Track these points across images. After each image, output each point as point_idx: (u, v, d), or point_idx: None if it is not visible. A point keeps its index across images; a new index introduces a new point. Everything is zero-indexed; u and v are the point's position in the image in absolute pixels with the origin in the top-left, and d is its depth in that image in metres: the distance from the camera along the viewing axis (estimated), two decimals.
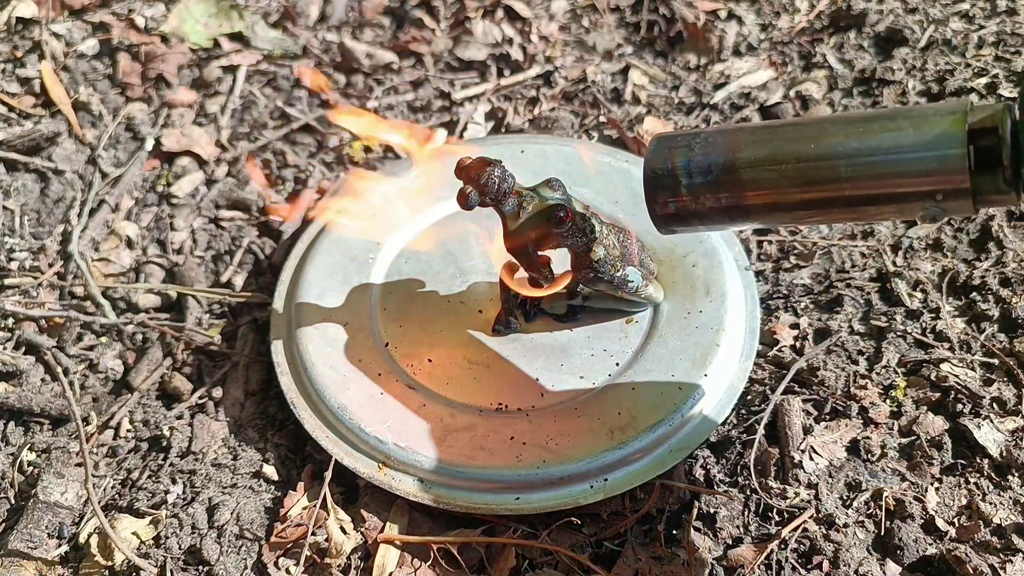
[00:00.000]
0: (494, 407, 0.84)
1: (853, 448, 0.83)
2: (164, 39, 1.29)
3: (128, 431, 0.90)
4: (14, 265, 1.04)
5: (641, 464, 0.80)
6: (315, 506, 0.81)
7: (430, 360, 0.88)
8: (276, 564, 0.78)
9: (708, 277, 0.91)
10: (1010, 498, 0.78)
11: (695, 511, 0.79)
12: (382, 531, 0.79)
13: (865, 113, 0.64)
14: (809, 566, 0.75)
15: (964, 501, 0.79)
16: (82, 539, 0.80)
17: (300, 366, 0.88)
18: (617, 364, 0.86)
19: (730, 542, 0.77)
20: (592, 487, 0.78)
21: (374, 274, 0.95)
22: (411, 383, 0.86)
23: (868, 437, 0.83)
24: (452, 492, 0.79)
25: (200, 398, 0.93)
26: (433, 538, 0.78)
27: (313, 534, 0.79)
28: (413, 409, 0.83)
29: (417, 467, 0.80)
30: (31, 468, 0.87)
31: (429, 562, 0.78)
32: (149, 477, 0.85)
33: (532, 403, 0.84)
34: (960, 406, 0.84)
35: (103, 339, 0.99)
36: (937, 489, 0.79)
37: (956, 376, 0.86)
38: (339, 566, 0.78)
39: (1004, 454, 0.81)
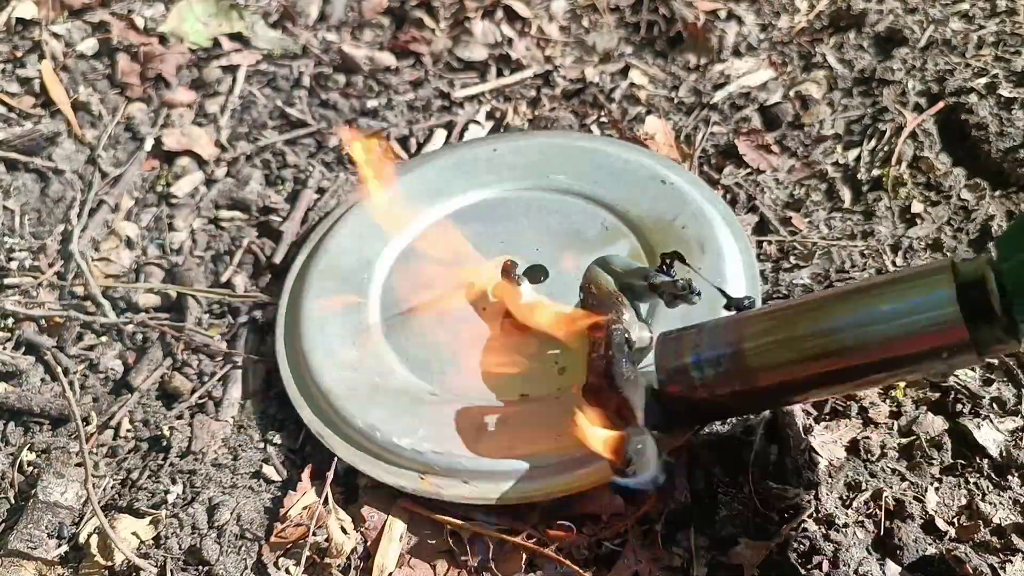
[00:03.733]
0: (518, 397, 0.84)
1: (853, 448, 0.83)
2: (163, 39, 1.29)
3: (128, 431, 0.90)
4: (14, 265, 1.04)
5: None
6: (315, 506, 0.81)
7: (446, 363, 0.87)
8: (276, 564, 0.78)
9: (700, 235, 0.94)
10: (1010, 498, 0.78)
11: (696, 511, 0.79)
12: (382, 531, 0.79)
13: (858, 285, 0.67)
14: (809, 566, 0.75)
15: (964, 501, 0.79)
16: (82, 539, 0.80)
17: (319, 396, 0.87)
18: None
19: (730, 542, 0.77)
20: None
21: (379, 279, 0.95)
22: (432, 389, 0.85)
23: (868, 437, 0.83)
24: (500, 486, 0.78)
25: (200, 398, 0.93)
26: (449, 518, 0.79)
27: (313, 534, 0.79)
28: (441, 414, 0.83)
29: (460, 469, 0.79)
30: (31, 468, 0.87)
31: (429, 562, 0.78)
32: (149, 477, 0.85)
33: (557, 385, 0.84)
34: (960, 406, 0.84)
35: (103, 339, 0.99)
36: (937, 489, 0.79)
37: (956, 376, 0.86)
38: (339, 566, 0.78)
39: (1004, 454, 0.81)
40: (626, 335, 0.74)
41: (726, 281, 0.89)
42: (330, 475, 0.82)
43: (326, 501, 0.82)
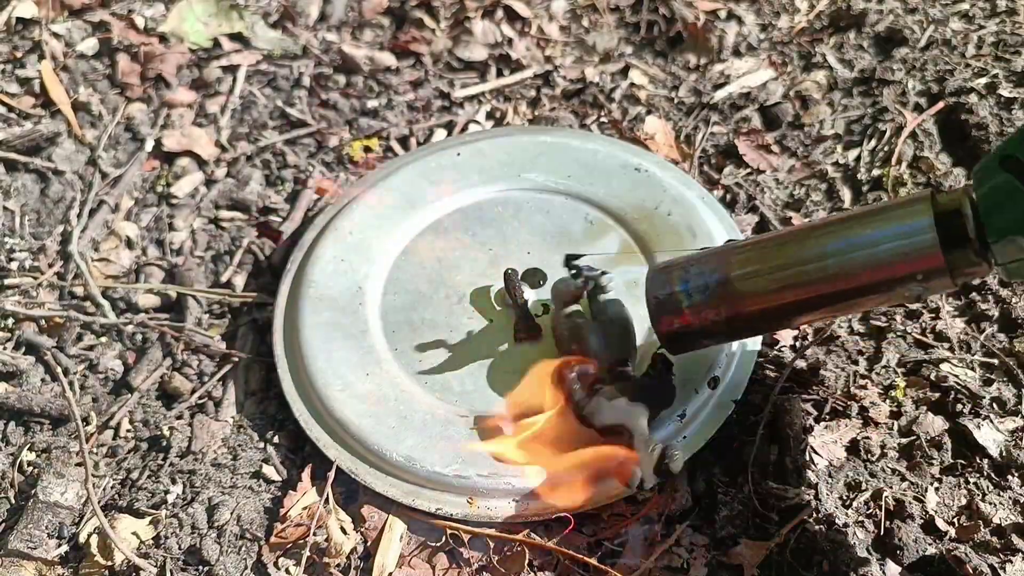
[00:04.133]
0: (550, 408, 0.82)
1: (853, 448, 0.83)
2: (163, 39, 1.29)
3: (128, 431, 0.91)
4: (14, 265, 1.04)
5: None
6: (315, 506, 0.81)
7: (467, 380, 0.86)
8: (276, 564, 0.78)
9: (687, 221, 0.95)
10: (1010, 498, 0.78)
11: (696, 511, 0.79)
12: (383, 531, 0.79)
13: (842, 215, 0.71)
14: (809, 566, 0.75)
15: (964, 501, 0.79)
16: (82, 539, 0.80)
17: (343, 432, 0.85)
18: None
19: (730, 542, 0.77)
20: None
21: (374, 302, 0.93)
22: (460, 410, 0.84)
23: (868, 437, 0.83)
24: (549, 500, 0.78)
25: (200, 398, 0.93)
26: (446, 522, 0.78)
27: (313, 534, 0.79)
28: (477, 435, 0.82)
29: (509, 489, 0.79)
30: (31, 468, 0.87)
31: (429, 562, 0.78)
32: (149, 477, 0.86)
33: None
34: (960, 406, 0.84)
35: (103, 339, 0.99)
36: (937, 489, 0.79)
37: (956, 376, 0.86)
38: (339, 566, 0.78)
39: (1004, 454, 0.81)
40: (584, 370, 0.78)
41: None
42: (330, 475, 0.82)
43: (326, 501, 0.82)
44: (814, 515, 0.78)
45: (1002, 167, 0.60)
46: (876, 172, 1.07)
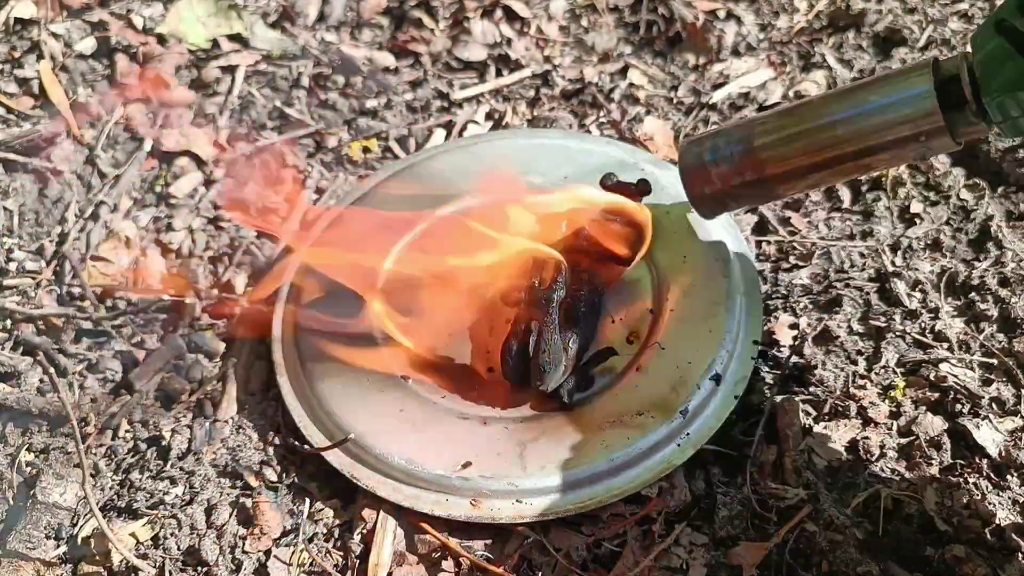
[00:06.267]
0: (555, 409, 0.83)
1: (852, 448, 0.83)
2: (162, 39, 1.29)
3: (127, 432, 0.90)
4: (12, 266, 1.04)
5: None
6: (314, 506, 0.81)
7: (472, 381, 0.86)
8: (275, 564, 0.78)
9: (686, 220, 0.95)
10: (1009, 498, 0.78)
11: (695, 511, 0.79)
12: (380, 530, 0.79)
13: (852, 85, 0.79)
14: (808, 566, 0.75)
15: (963, 501, 0.79)
16: (80, 540, 0.80)
17: (348, 442, 0.84)
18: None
19: (729, 542, 0.77)
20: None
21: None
22: (461, 414, 0.84)
23: (867, 437, 0.83)
24: (553, 499, 0.78)
25: (199, 398, 0.93)
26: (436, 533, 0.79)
27: (312, 534, 0.79)
28: (478, 437, 0.81)
29: (512, 490, 0.78)
30: (30, 468, 0.87)
31: (426, 561, 0.78)
32: (148, 478, 0.85)
33: (586, 393, 0.84)
34: (959, 406, 0.84)
35: (101, 340, 0.99)
36: (936, 489, 0.79)
37: (955, 376, 0.86)
38: (336, 565, 0.78)
39: (1003, 454, 0.81)
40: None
41: (725, 259, 0.91)
42: (314, 473, 0.82)
43: (324, 501, 0.82)
44: (813, 515, 0.78)
45: (997, 32, 0.65)
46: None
